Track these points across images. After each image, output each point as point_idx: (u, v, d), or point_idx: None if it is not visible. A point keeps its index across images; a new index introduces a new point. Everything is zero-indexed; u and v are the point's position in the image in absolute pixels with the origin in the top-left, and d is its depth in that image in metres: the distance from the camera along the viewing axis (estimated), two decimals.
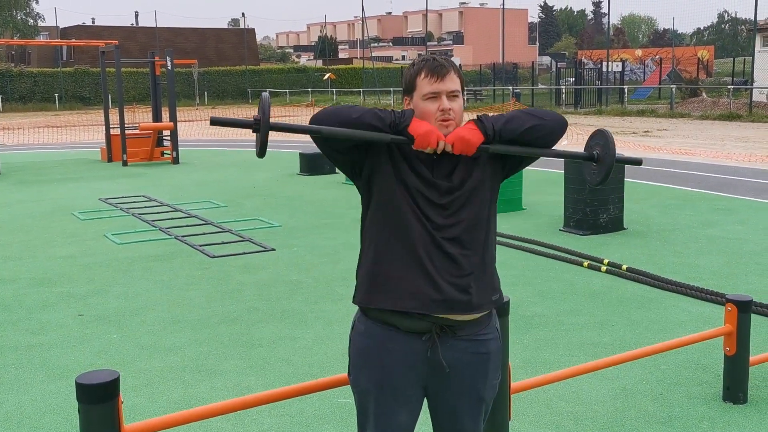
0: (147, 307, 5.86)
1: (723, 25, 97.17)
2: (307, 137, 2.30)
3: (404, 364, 2.31)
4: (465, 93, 2.37)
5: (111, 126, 16.99)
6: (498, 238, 7.86)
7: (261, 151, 2.25)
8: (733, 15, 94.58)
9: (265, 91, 2.25)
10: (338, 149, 2.31)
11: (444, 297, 2.27)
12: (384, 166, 2.30)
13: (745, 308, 3.79)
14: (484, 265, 2.35)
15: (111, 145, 16.79)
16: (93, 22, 70.32)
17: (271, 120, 2.21)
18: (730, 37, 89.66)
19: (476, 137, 2.27)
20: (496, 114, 2.33)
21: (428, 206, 2.28)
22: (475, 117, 2.30)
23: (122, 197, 11.43)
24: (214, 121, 2.24)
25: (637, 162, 2.57)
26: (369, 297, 2.34)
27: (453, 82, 2.29)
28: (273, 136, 2.35)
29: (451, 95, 2.29)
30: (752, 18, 30.30)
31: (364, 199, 2.38)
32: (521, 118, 2.32)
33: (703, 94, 33.62)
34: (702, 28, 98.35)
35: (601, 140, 2.46)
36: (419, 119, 2.27)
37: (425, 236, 2.27)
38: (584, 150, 2.52)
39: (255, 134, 2.25)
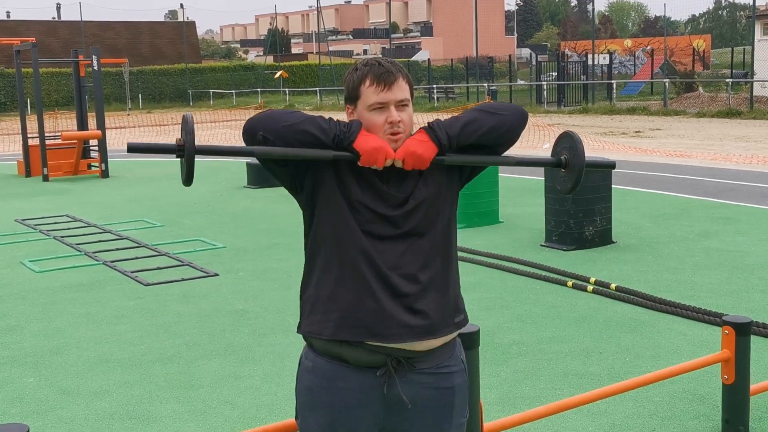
0: (69, 345, 5.78)
1: (720, 12, 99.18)
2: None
3: (357, 404, 2.33)
4: (414, 99, 2.41)
5: (29, 135, 16.78)
6: (472, 256, 7.90)
7: (187, 179, 2.28)
8: (731, 0, 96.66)
9: (189, 113, 2.27)
10: (276, 160, 2.35)
11: (397, 322, 2.29)
12: (327, 178, 2.32)
13: (743, 331, 3.85)
14: (445, 284, 2.38)
15: (29, 158, 16.58)
16: (8, 17, 69.61)
17: (197, 143, 2.23)
18: (728, 24, 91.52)
19: (429, 150, 2.30)
20: (449, 118, 2.36)
21: (378, 221, 2.30)
22: (426, 124, 2.33)
23: (42, 217, 11.28)
24: (132, 148, 2.27)
25: (610, 165, 2.66)
26: (311, 326, 2.37)
27: (402, 90, 2.32)
28: (217, 143, 2.36)
29: (400, 105, 2.32)
30: (751, 3, 30.96)
31: (306, 216, 2.42)
32: (478, 119, 2.35)
33: (700, 88, 34.20)
34: (697, 15, 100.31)
35: (568, 143, 2.53)
36: (367, 132, 2.30)
37: (375, 255, 2.29)
38: (551, 156, 2.57)
39: (179, 160, 2.26)
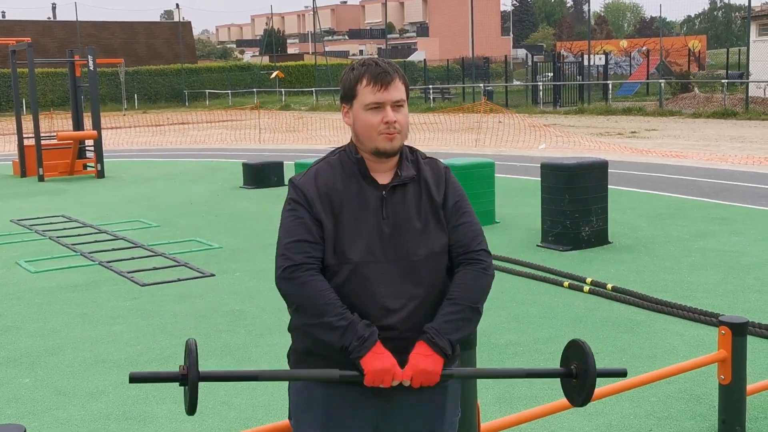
0: (65, 345, 5.77)
1: (715, 12, 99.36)
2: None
3: (351, 404, 2.34)
4: (409, 100, 2.40)
5: (24, 135, 16.75)
6: None
7: (191, 409, 2.20)
8: (727, 1, 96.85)
9: (192, 339, 2.22)
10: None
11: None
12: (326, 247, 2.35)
13: (740, 331, 3.84)
14: None
15: (25, 158, 16.55)
16: (3, 17, 69.49)
17: (201, 370, 2.19)
18: (724, 25, 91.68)
19: (436, 364, 2.27)
20: (436, 322, 2.31)
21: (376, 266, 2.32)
22: (426, 338, 2.28)
23: (38, 218, 11.26)
24: (134, 378, 2.21)
25: (621, 374, 2.51)
26: (304, 367, 2.40)
27: (398, 91, 2.32)
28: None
29: (396, 105, 2.32)
30: (746, 4, 31.02)
31: None
32: (468, 319, 2.34)
33: (696, 89, 34.27)
34: (693, 16, 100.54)
35: (578, 354, 2.39)
36: (380, 350, 2.24)
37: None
38: (560, 364, 2.46)
39: (182, 387, 2.21)
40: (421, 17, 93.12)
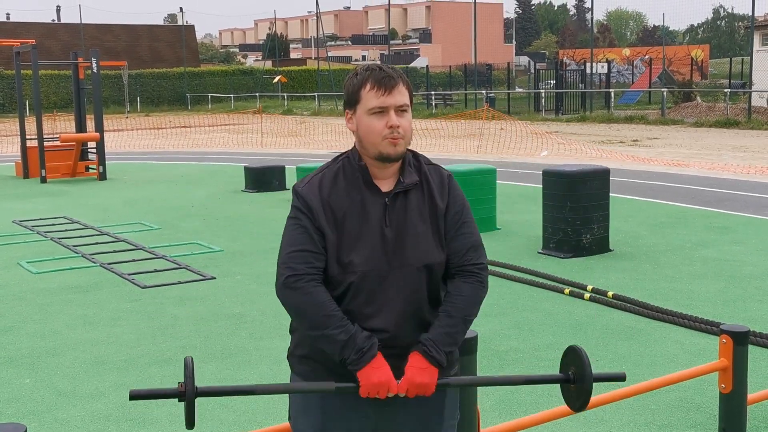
0: (66, 346, 5.77)
1: (718, 22, 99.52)
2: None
3: (349, 406, 2.35)
4: (412, 106, 2.41)
5: (27, 137, 16.77)
6: None
7: (189, 423, 2.24)
8: (730, 10, 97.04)
9: (189, 356, 2.26)
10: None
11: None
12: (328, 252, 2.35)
13: (741, 340, 3.83)
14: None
15: (27, 159, 16.58)
16: (8, 18, 69.61)
17: (199, 385, 2.23)
18: (727, 34, 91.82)
19: (432, 376, 2.29)
20: (433, 334, 2.32)
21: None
22: (423, 349, 2.30)
23: (40, 219, 11.27)
24: (134, 396, 2.26)
25: (620, 378, 2.52)
26: (299, 368, 2.42)
27: (402, 96, 2.32)
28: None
29: (400, 110, 2.31)
30: (750, 14, 31.05)
31: None
32: (462, 332, 2.36)
33: (698, 98, 34.28)
34: (696, 25, 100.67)
35: (575, 359, 2.44)
36: (377, 364, 2.26)
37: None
38: (559, 370, 2.50)
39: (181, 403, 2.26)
40: (424, 24, 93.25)
